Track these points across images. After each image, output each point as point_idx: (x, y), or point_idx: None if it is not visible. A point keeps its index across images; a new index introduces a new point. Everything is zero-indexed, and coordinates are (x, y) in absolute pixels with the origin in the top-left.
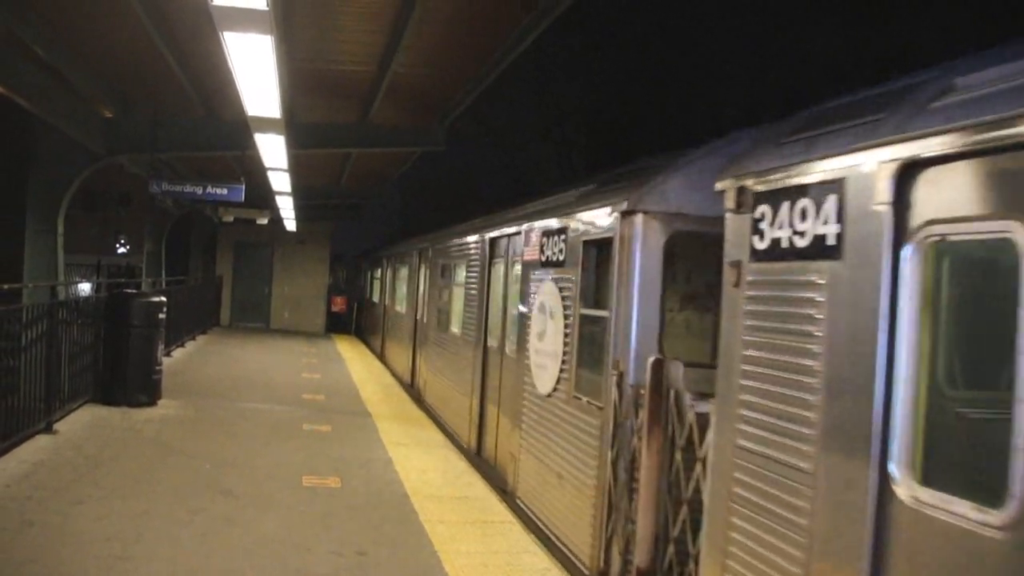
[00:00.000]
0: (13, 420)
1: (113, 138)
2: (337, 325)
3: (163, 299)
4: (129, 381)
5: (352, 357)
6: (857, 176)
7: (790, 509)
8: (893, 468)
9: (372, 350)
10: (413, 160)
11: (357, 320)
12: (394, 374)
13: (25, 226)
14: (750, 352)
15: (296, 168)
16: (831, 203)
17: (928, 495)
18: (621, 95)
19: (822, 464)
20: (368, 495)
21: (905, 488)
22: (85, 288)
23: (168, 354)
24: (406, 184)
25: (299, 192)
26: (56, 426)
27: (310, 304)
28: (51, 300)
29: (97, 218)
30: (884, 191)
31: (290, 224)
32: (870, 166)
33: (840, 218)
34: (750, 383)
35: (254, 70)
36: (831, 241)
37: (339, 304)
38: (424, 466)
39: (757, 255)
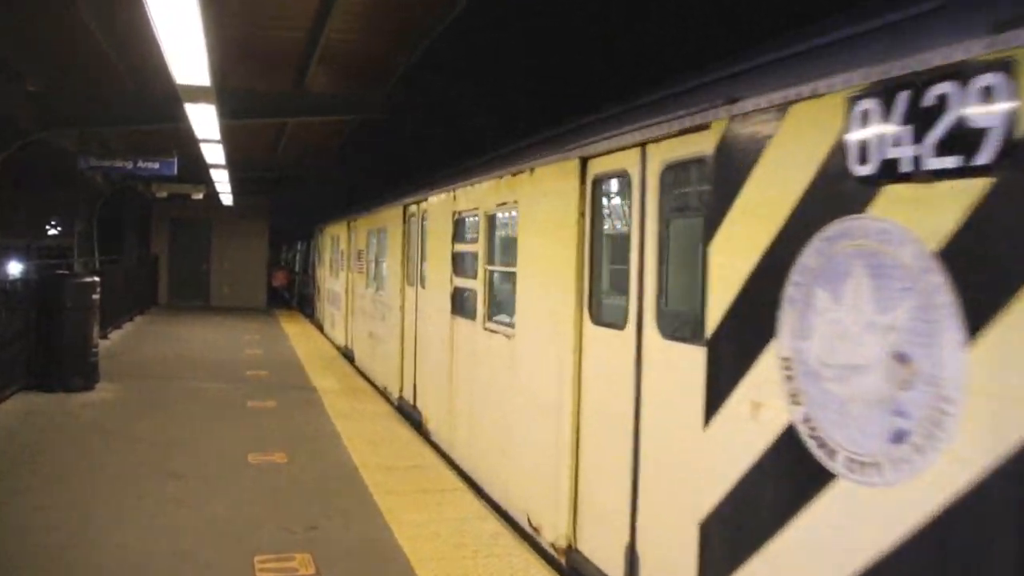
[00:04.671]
0: None
1: (40, 113)
2: (279, 300)
3: (96, 280)
4: (64, 365)
5: (295, 332)
6: None
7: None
8: None
9: (314, 324)
10: (352, 129)
11: (299, 294)
12: (335, 346)
13: None
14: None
15: (230, 139)
16: None
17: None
18: (563, 57)
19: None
20: (316, 469)
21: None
22: (15, 271)
23: (105, 336)
24: (349, 155)
25: (235, 165)
26: None
27: (250, 280)
28: None
29: (25, 198)
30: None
31: (227, 198)
32: None
33: None
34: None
35: (180, 36)
36: None
37: (280, 279)
38: (372, 437)
39: None
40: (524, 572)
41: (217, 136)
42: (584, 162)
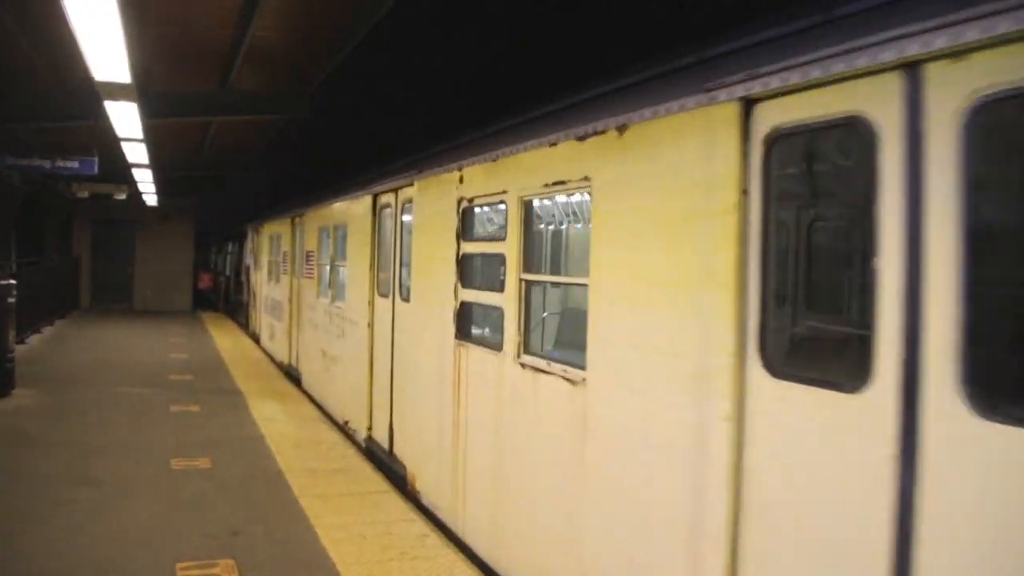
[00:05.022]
0: None
1: None
2: (205, 303)
3: (11, 283)
4: None
5: (220, 334)
6: None
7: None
8: None
9: (240, 326)
10: (279, 129)
11: (225, 297)
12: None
13: None
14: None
15: (154, 138)
16: None
17: None
18: (487, 59)
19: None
20: (240, 474)
21: None
22: None
23: (22, 341)
24: (276, 155)
25: (158, 164)
26: None
27: (176, 282)
28: None
29: None
30: None
31: (151, 199)
32: None
33: None
34: None
35: (99, 30)
36: None
37: (206, 281)
38: (298, 440)
39: None
40: (449, 573)
41: (140, 135)
42: (748, 105)
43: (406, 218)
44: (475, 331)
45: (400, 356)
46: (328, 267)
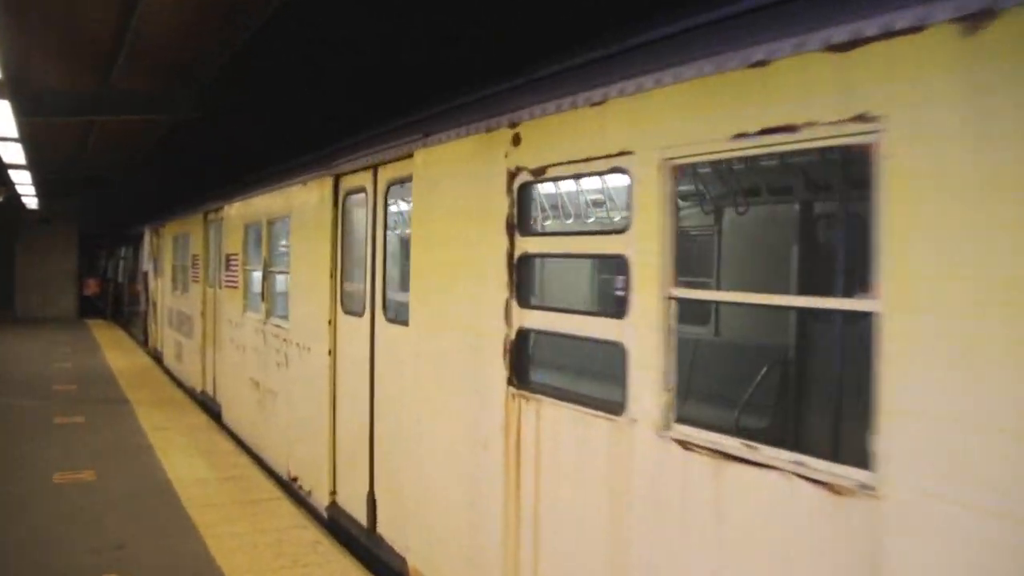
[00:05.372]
0: None
1: None
2: (92, 310)
3: None
4: None
5: (108, 342)
6: None
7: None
8: None
9: (128, 333)
10: (166, 129)
11: (115, 304)
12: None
13: None
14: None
15: (31, 138)
16: None
17: None
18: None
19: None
20: (127, 486)
21: None
22: None
23: None
24: (167, 157)
25: (38, 165)
26: None
27: (60, 288)
28: None
29: None
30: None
31: (31, 201)
32: None
33: None
34: None
35: None
36: None
37: (93, 287)
38: (188, 449)
39: None
40: None
41: (15, 134)
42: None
43: (396, 207)
44: (545, 376)
45: (387, 400)
46: (260, 274)
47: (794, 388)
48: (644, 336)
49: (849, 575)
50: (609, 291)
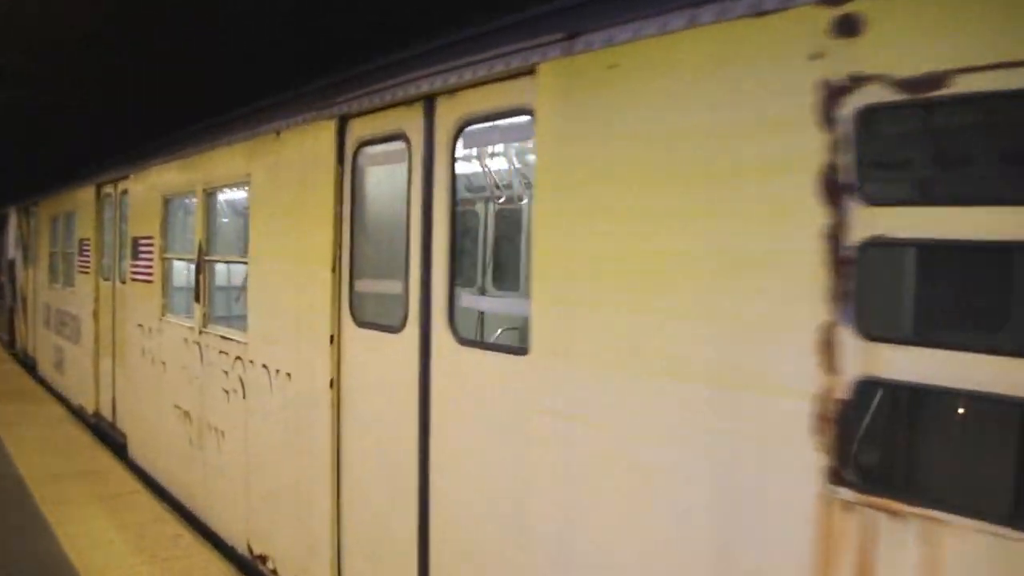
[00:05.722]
0: None
1: None
2: None
3: None
4: None
5: None
6: None
7: None
8: None
9: (15, 357)
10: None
11: None
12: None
13: None
14: None
15: None
16: None
17: None
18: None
19: None
20: None
21: None
22: None
23: None
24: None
25: None
26: None
27: None
28: None
29: None
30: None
31: None
32: None
33: None
34: None
35: None
36: None
37: None
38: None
39: None
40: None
41: None
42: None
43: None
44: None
45: (463, 478)
46: (190, 264)
47: None
48: None
49: None
50: None
